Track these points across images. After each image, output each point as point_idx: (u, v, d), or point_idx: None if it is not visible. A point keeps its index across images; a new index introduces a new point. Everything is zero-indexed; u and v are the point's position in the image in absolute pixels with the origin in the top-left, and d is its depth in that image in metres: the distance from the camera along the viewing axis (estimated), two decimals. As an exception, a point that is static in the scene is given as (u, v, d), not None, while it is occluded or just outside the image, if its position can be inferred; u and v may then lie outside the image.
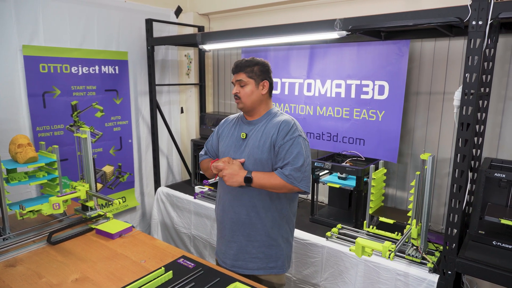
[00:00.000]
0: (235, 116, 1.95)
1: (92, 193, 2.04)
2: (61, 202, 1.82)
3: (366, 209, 2.34)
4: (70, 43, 2.81)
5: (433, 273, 1.89)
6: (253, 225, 1.77)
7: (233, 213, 1.79)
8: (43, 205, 1.89)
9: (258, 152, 1.72)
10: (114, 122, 3.20)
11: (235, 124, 1.88)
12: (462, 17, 1.59)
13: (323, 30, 2.10)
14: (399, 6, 2.47)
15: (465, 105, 1.63)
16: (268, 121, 1.78)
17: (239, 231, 1.79)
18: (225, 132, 1.90)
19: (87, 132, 2.03)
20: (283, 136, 1.70)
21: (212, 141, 1.96)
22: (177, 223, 3.23)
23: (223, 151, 1.85)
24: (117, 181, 3.31)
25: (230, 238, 1.82)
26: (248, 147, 1.76)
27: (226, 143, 1.85)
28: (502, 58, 2.17)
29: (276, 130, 1.72)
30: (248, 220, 1.77)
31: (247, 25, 3.33)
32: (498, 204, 2.00)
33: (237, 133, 1.83)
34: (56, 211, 1.83)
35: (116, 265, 1.63)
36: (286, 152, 1.68)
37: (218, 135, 1.93)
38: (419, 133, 2.57)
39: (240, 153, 1.78)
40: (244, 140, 1.79)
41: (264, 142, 1.72)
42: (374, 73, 2.52)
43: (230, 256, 1.82)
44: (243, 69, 1.76)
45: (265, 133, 1.74)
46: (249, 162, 1.74)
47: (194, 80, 3.71)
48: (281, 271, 1.83)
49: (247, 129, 1.81)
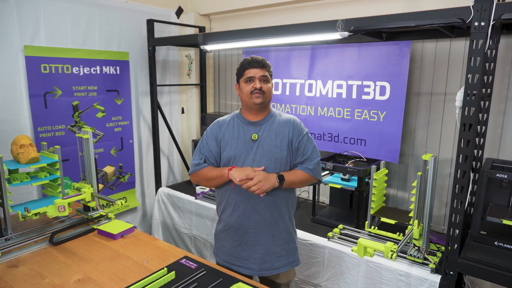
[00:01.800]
0: (227, 118, 1.83)
1: (97, 195, 2.03)
2: (66, 204, 1.81)
3: (367, 210, 2.34)
4: (71, 44, 2.81)
5: (435, 273, 1.89)
6: (276, 223, 1.78)
7: (257, 216, 1.75)
8: (48, 207, 1.88)
9: (277, 151, 1.73)
10: (115, 123, 3.20)
11: (236, 127, 1.78)
12: (464, 18, 1.59)
13: (325, 31, 2.10)
14: (400, 6, 2.48)
15: (467, 106, 1.63)
16: (274, 120, 1.78)
17: (264, 233, 1.76)
18: (227, 136, 1.77)
19: (89, 132, 2.03)
20: (298, 133, 1.77)
21: (209, 146, 1.79)
22: (178, 224, 3.23)
23: (232, 155, 1.74)
24: (118, 181, 3.31)
25: (255, 242, 1.77)
26: (263, 148, 1.73)
27: (235, 147, 1.74)
28: (503, 59, 2.18)
29: (290, 127, 1.76)
30: (272, 220, 1.77)
31: (248, 25, 3.34)
32: (499, 204, 2.01)
33: (243, 135, 1.75)
34: (61, 213, 1.81)
35: (118, 265, 1.63)
36: (304, 148, 1.77)
37: (217, 140, 1.78)
38: (420, 134, 2.58)
39: (253, 155, 1.72)
40: (255, 141, 1.73)
41: (282, 140, 1.74)
42: (375, 74, 2.52)
43: (257, 260, 1.78)
44: (266, 65, 1.74)
45: (279, 132, 1.75)
46: (268, 162, 1.72)
47: (195, 80, 3.71)
48: (298, 262, 1.89)
49: (254, 130, 1.76)
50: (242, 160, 1.73)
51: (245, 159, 1.73)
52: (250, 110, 1.77)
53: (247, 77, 1.72)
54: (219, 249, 1.88)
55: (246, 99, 1.73)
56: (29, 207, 1.82)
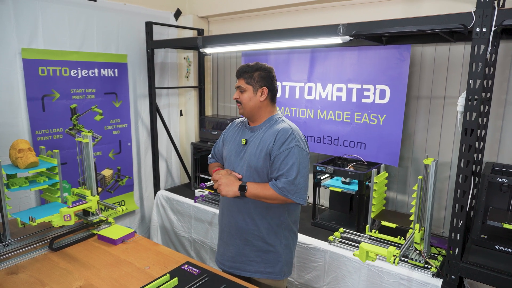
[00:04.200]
0: (241, 120, 1.95)
1: (102, 202, 1.98)
2: (72, 213, 1.77)
3: (368, 213, 2.35)
4: (69, 46, 2.78)
5: (436, 277, 1.90)
6: (249, 231, 1.77)
7: (231, 217, 1.82)
8: (53, 216, 1.83)
9: (254, 159, 1.71)
10: (113, 125, 3.17)
11: (239, 129, 1.89)
12: (466, 24, 1.59)
13: (326, 35, 2.10)
14: (399, 10, 2.49)
15: (469, 111, 1.64)
16: (268, 128, 1.76)
17: (236, 235, 1.81)
18: (229, 137, 1.91)
19: (88, 137, 2.02)
20: (279, 146, 1.66)
21: (218, 144, 1.99)
22: (177, 227, 3.21)
23: (226, 155, 1.87)
24: (116, 184, 3.28)
25: (228, 241, 1.85)
26: (247, 154, 1.76)
27: (229, 148, 1.86)
28: (502, 64, 2.19)
29: (273, 138, 1.69)
30: (245, 225, 1.78)
31: (246, 28, 3.33)
32: (499, 208, 2.01)
33: (239, 138, 1.83)
34: (67, 222, 1.77)
35: (120, 271, 1.62)
36: (281, 163, 1.65)
37: (223, 139, 1.95)
38: (420, 137, 2.58)
39: (240, 159, 1.79)
40: (244, 146, 1.79)
41: (261, 150, 1.71)
42: (375, 77, 2.53)
43: (228, 258, 1.86)
44: (242, 75, 1.77)
45: (262, 141, 1.72)
46: (248, 169, 1.74)
47: (194, 83, 3.69)
48: (279, 277, 1.79)
49: (249, 135, 1.80)
50: (232, 162, 1.81)
51: (234, 161, 1.81)
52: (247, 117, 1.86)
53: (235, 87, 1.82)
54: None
55: None
56: (34, 216, 1.76)
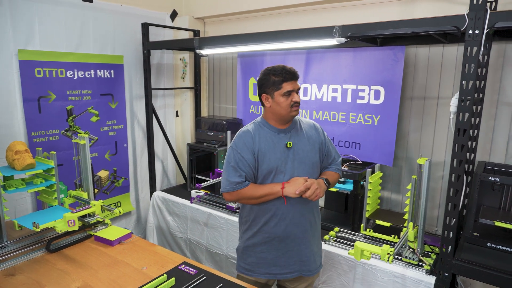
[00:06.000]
0: (254, 128, 1.77)
1: (106, 207, 1.97)
2: (76, 218, 1.77)
3: (362, 213, 2.37)
4: (65, 47, 2.78)
5: (429, 275, 1.93)
6: (316, 224, 1.89)
7: (305, 221, 1.80)
8: (57, 221, 1.80)
9: (313, 155, 1.80)
10: (109, 127, 3.18)
11: (269, 136, 1.74)
12: (459, 26, 1.62)
13: (322, 36, 2.12)
14: (394, 12, 2.51)
15: (461, 112, 1.67)
16: (299, 126, 1.82)
17: (311, 234, 1.84)
18: (264, 148, 1.71)
19: (85, 138, 2.02)
20: (325, 136, 1.88)
21: (247, 161, 1.70)
22: (173, 228, 3.22)
23: (274, 167, 1.71)
24: (112, 186, 3.28)
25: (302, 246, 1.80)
26: (299, 155, 1.75)
27: (274, 157, 1.71)
28: (494, 65, 2.23)
29: (317, 131, 1.85)
30: (314, 221, 1.86)
31: (242, 29, 3.35)
32: (491, 206, 2.05)
33: (278, 144, 1.73)
34: (71, 227, 1.76)
35: (117, 272, 1.63)
36: (330, 150, 1.89)
37: (254, 153, 1.71)
38: (414, 137, 2.62)
39: (291, 162, 1.73)
40: (289, 149, 1.74)
41: (314, 145, 1.81)
42: (370, 78, 2.56)
43: (311, 261, 1.85)
44: (297, 76, 1.74)
45: (309, 137, 1.81)
46: (307, 167, 1.77)
47: (190, 84, 3.70)
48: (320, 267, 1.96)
49: (285, 137, 1.75)
50: (284, 169, 1.72)
51: (286, 169, 1.72)
52: (281, 121, 1.75)
53: (287, 91, 1.68)
54: (257, 263, 1.81)
55: (284, 112, 1.70)
56: (37, 222, 1.74)
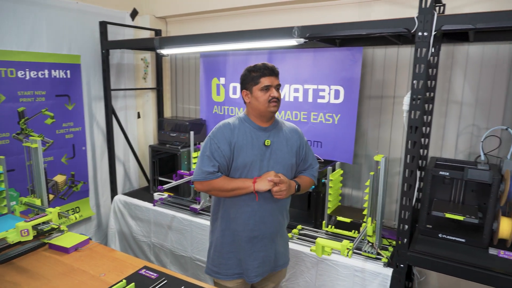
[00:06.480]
0: (235, 121, 1.75)
1: (63, 214, 1.87)
2: (30, 228, 1.66)
3: (324, 210, 2.43)
4: (16, 46, 2.63)
5: (387, 267, 2.01)
6: (284, 225, 1.89)
7: (275, 218, 1.80)
8: (8, 232, 1.66)
9: (289, 157, 1.79)
10: (66, 129, 3.04)
11: (248, 131, 1.72)
12: (409, 28, 1.70)
13: (282, 37, 2.15)
14: (352, 14, 2.60)
15: (413, 110, 1.75)
16: (281, 126, 1.82)
17: (278, 233, 1.85)
18: (241, 141, 1.69)
19: (38, 141, 1.92)
20: (304, 141, 1.88)
21: (223, 151, 1.67)
22: (135, 232, 3.14)
23: (248, 162, 1.69)
24: (70, 190, 3.15)
25: (268, 247, 1.80)
26: (276, 154, 1.75)
27: (250, 153, 1.69)
28: (444, 65, 2.36)
29: (297, 135, 1.86)
30: (282, 221, 1.87)
31: (205, 29, 3.33)
32: (442, 199, 2.17)
33: (256, 140, 1.72)
34: (25, 238, 1.63)
35: (73, 281, 1.56)
36: (307, 155, 1.89)
37: (231, 145, 1.68)
38: (372, 135, 2.72)
39: (267, 161, 1.72)
40: (268, 147, 1.73)
41: (291, 147, 1.80)
42: (330, 78, 2.62)
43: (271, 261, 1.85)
44: (275, 72, 1.74)
45: (288, 139, 1.80)
46: (282, 168, 1.76)
47: (151, 84, 3.62)
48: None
49: (265, 135, 1.74)
50: (258, 166, 1.71)
51: (261, 166, 1.71)
52: (261, 117, 1.75)
53: (264, 86, 1.69)
54: (225, 264, 1.78)
55: (262, 107, 1.70)
56: None
